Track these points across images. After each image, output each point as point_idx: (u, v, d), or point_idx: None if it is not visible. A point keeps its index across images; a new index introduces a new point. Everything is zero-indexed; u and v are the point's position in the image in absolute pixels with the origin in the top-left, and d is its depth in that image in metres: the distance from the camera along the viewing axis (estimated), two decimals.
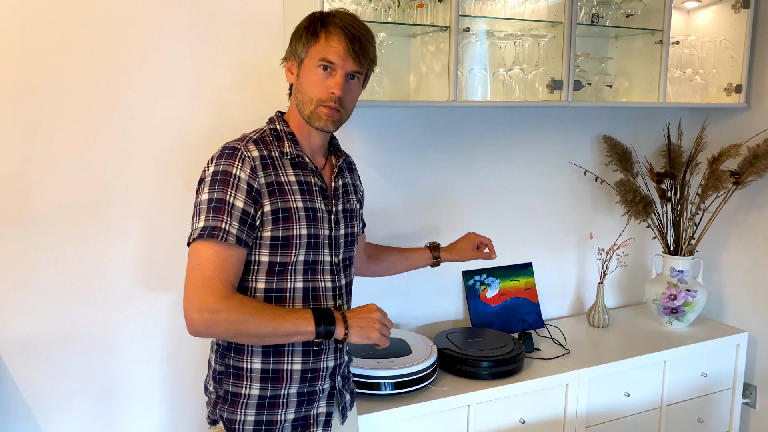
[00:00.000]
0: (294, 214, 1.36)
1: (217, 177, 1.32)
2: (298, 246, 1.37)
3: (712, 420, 2.39)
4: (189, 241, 1.32)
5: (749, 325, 2.49)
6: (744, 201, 2.50)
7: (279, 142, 1.41)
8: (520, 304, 2.42)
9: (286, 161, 1.40)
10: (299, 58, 1.39)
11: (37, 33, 1.68)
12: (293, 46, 1.41)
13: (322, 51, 1.35)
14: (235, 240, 1.30)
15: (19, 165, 1.70)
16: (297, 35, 1.40)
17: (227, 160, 1.33)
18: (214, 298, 1.26)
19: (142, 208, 1.84)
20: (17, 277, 1.73)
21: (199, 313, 1.26)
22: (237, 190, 1.31)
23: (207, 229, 1.29)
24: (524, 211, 2.45)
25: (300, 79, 1.40)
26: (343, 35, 1.35)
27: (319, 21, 1.37)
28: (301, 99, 1.40)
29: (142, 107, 1.81)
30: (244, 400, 1.39)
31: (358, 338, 1.35)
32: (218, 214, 1.29)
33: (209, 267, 1.28)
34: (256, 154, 1.35)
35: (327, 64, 1.35)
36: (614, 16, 2.24)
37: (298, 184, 1.39)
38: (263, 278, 1.37)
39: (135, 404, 1.91)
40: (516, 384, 1.94)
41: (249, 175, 1.32)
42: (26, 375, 1.77)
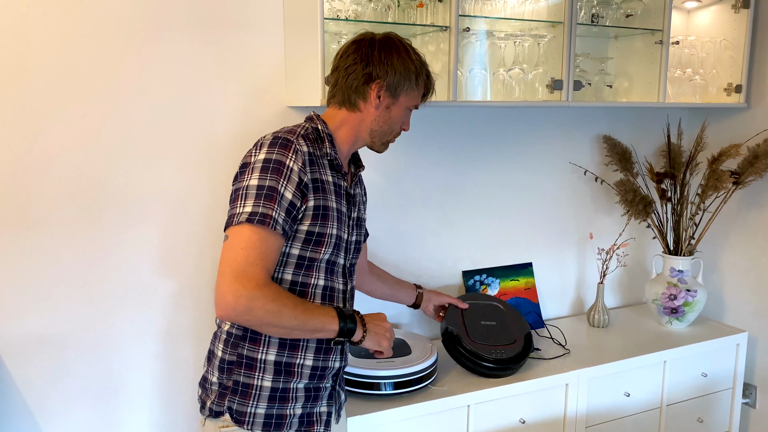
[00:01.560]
0: (331, 213, 1.41)
1: (270, 165, 1.32)
2: (328, 244, 1.42)
3: (712, 420, 2.39)
4: (232, 222, 1.30)
5: (749, 325, 2.49)
6: (744, 201, 2.50)
7: (320, 142, 1.44)
8: (520, 304, 2.42)
9: (325, 161, 1.44)
10: (396, 92, 1.47)
11: (39, 32, 1.67)
12: (393, 76, 1.45)
13: (417, 100, 1.52)
14: (281, 230, 1.32)
15: (20, 165, 1.70)
16: (407, 74, 1.47)
17: (281, 150, 1.34)
18: (254, 285, 1.26)
19: (141, 208, 1.84)
20: (17, 277, 1.73)
21: (236, 297, 1.25)
22: (288, 182, 1.32)
23: (257, 215, 1.28)
24: (524, 211, 2.45)
25: (390, 113, 1.49)
26: (428, 82, 1.54)
27: (426, 73, 1.52)
28: (384, 129, 1.50)
29: (143, 107, 1.81)
30: (256, 391, 1.40)
31: (372, 344, 1.45)
32: (269, 202, 1.30)
33: (253, 252, 1.28)
34: (305, 149, 1.37)
35: (414, 108, 1.53)
36: (614, 16, 2.24)
37: (334, 185, 1.44)
38: (291, 270, 1.40)
39: (135, 404, 1.91)
40: (516, 384, 1.94)
41: (300, 169, 1.34)
42: (26, 375, 1.77)
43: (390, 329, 1.48)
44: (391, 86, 1.46)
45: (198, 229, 1.91)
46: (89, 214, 1.79)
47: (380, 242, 2.19)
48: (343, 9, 1.87)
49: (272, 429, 1.41)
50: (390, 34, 1.50)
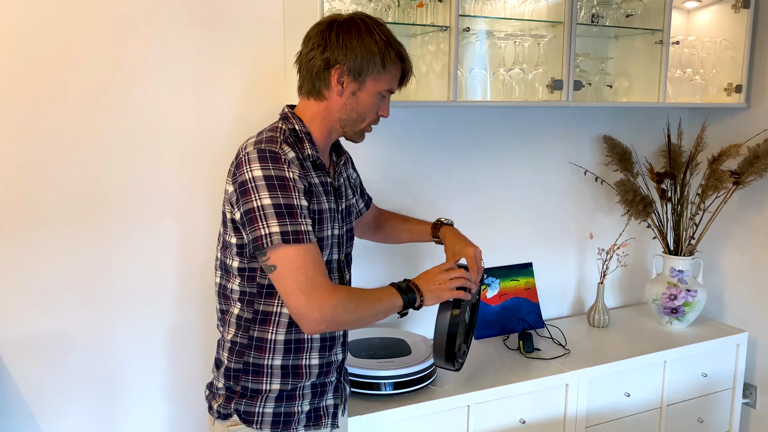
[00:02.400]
0: (325, 215, 1.40)
1: (274, 182, 1.29)
2: (326, 246, 1.41)
3: (712, 420, 2.39)
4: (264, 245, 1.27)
5: (749, 325, 2.49)
6: (744, 201, 2.50)
7: (300, 143, 1.39)
8: (520, 304, 2.42)
9: (308, 163, 1.40)
10: (360, 76, 1.37)
11: (42, 31, 1.67)
12: (352, 59, 1.36)
13: (389, 82, 1.41)
14: (314, 237, 1.32)
15: (21, 165, 1.70)
16: (366, 52, 1.36)
17: (275, 165, 1.30)
18: (328, 293, 1.28)
19: (141, 208, 1.84)
20: (17, 277, 1.73)
21: (320, 312, 1.27)
22: (297, 192, 1.31)
23: (290, 234, 1.27)
24: (524, 211, 2.45)
25: (357, 99, 1.40)
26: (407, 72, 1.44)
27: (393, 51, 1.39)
28: (354, 117, 1.42)
29: (143, 107, 1.81)
30: (264, 394, 1.41)
31: (432, 301, 1.44)
32: (294, 219, 1.28)
33: (309, 267, 1.28)
34: (292, 155, 1.34)
35: (390, 92, 1.43)
36: (614, 16, 2.24)
37: (321, 185, 1.41)
38: None
39: (135, 404, 1.91)
40: (516, 384, 1.94)
41: (299, 176, 1.33)
42: (26, 375, 1.77)
43: (448, 279, 1.45)
44: (353, 71, 1.37)
45: (201, 229, 1.91)
46: (92, 214, 1.79)
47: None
48: (343, 9, 1.87)
49: (281, 426, 1.42)
50: (355, 14, 1.41)
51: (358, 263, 2.08)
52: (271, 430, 1.41)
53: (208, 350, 1.96)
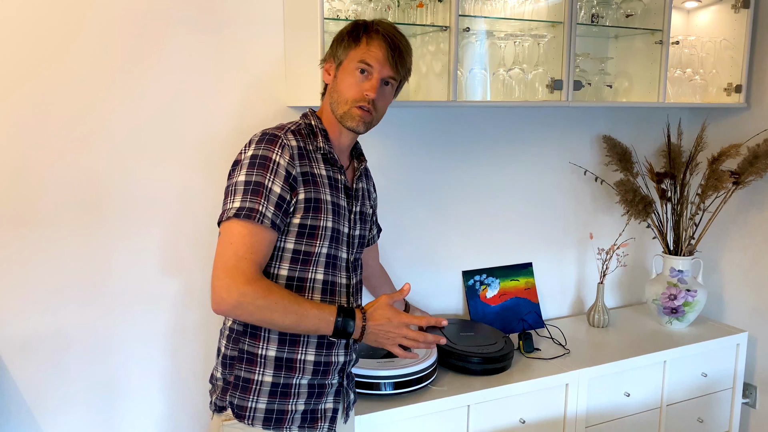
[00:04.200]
0: (324, 206, 1.41)
1: (256, 161, 1.35)
2: (323, 237, 1.41)
3: (712, 420, 2.39)
4: (222, 219, 1.34)
5: (749, 325, 2.49)
6: (744, 201, 2.50)
7: (313, 136, 1.46)
8: (520, 304, 2.42)
9: (318, 155, 1.44)
10: (338, 60, 1.45)
11: (40, 32, 1.67)
12: (333, 49, 1.47)
13: (362, 54, 1.42)
14: (270, 223, 1.32)
15: (20, 165, 1.70)
16: (339, 39, 1.46)
17: (267, 146, 1.36)
18: (243, 279, 1.28)
19: (142, 208, 1.84)
20: (17, 276, 1.73)
21: (228, 292, 1.27)
22: (275, 176, 1.34)
23: (244, 210, 1.31)
24: (524, 211, 2.45)
25: (337, 80, 1.45)
26: (384, 42, 1.42)
27: (362, 27, 1.44)
28: (336, 99, 1.45)
29: (142, 108, 1.81)
30: (256, 386, 1.40)
31: (373, 343, 1.40)
32: (256, 197, 1.32)
33: (242, 246, 1.30)
34: (294, 143, 1.39)
35: (365, 67, 1.42)
36: (614, 16, 2.24)
37: (328, 178, 1.44)
38: (287, 266, 1.40)
39: (134, 403, 1.91)
40: (516, 384, 1.94)
41: (288, 162, 1.36)
42: (26, 375, 1.77)
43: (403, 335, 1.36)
44: (333, 56, 1.47)
45: (200, 227, 1.91)
46: (91, 214, 1.79)
47: (380, 242, 2.19)
48: (343, 9, 1.88)
49: (273, 424, 1.41)
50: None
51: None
52: (263, 426, 1.40)
53: (208, 350, 1.96)
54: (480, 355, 1.98)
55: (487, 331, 2.18)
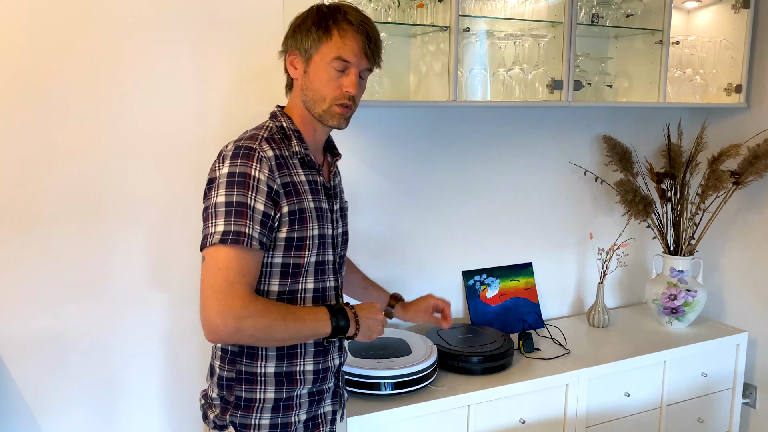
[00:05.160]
0: (308, 215, 1.35)
1: (235, 179, 1.27)
2: (311, 247, 1.36)
3: (712, 420, 2.39)
4: (206, 244, 1.26)
5: (749, 325, 2.49)
6: (744, 201, 2.50)
7: (287, 140, 1.37)
8: (520, 304, 2.42)
9: (295, 160, 1.37)
10: (307, 53, 1.35)
11: (37, 34, 1.67)
12: (298, 40, 1.36)
13: (337, 49, 1.32)
14: (258, 244, 1.27)
15: (20, 165, 1.70)
16: (304, 29, 1.35)
17: (244, 161, 1.28)
18: (240, 304, 1.23)
19: (141, 209, 1.84)
20: (17, 277, 1.73)
21: (223, 319, 1.22)
22: (257, 193, 1.27)
23: (230, 234, 1.24)
24: (524, 211, 2.45)
25: (308, 76, 1.36)
26: (358, 33, 1.33)
27: (330, 17, 1.33)
28: (312, 97, 1.37)
29: (142, 106, 1.81)
30: (259, 404, 1.37)
31: (363, 337, 1.39)
32: (240, 218, 1.25)
33: (232, 271, 1.24)
34: (271, 154, 1.31)
35: (342, 63, 1.33)
36: (614, 16, 2.24)
37: (308, 183, 1.37)
38: (276, 281, 1.35)
39: (135, 404, 1.91)
40: (516, 384, 1.94)
41: (268, 176, 1.28)
42: (26, 375, 1.77)
43: (383, 320, 1.42)
44: (300, 49, 1.36)
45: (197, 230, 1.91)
46: (91, 214, 1.79)
47: (380, 242, 2.19)
48: None
49: None
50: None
51: None
52: None
53: (207, 350, 1.94)
54: (480, 354, 1.98)
55: (487, 331, 2.18)
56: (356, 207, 2.14)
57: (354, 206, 2.13)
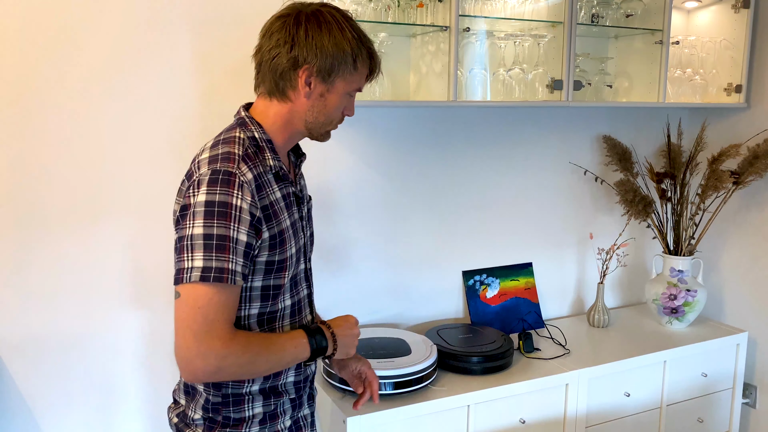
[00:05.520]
0: (287, 235, 1.28)
1: (214, 208, 1.16)
2: (290, 267, 1.31)
3: (712, 420, 2.39)
4: (183, 280, 1.15)
5: (749, 325, 2.49)
6: (744, 201, 2.50)
7: (261, 153, 1.27)
8: (520, 304, 2.42)
9: (269, 176, 1.27)
10: (329, 76, 1.27)
11: (28, 33, 1.68)
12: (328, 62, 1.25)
13: (360, 81, 1.32)
14: (242, 279, 1.19)
15: (19, 166, 1.70)
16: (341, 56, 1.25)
17: (224, 188, 1.17)
18: (221, 343, 1.15)
19: (140, 209, 1.84)
20: (17, 277, 1.73)
21: (204, 360, 1.14)
22: (240, 223, 1.17)
23: (212, 271, 1.14)
24: (524, 211, 2.45)
25: (325, 101, 1.29)
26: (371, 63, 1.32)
27: (367, 52, 1.29)
28: (317, 119, 1.31)
29: (140, 105, 1.81)
30: (248, 420, 1.34)
31: (341, 355, 1.37)
32: (223, 253, 1.15)
33: (212, 309, 1.15)
34: (250, 176, 1.21)
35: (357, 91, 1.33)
36: (614, 16, 2.24)
37: (283, 199, 1.29)
38: (257, 304, 1.28)
39: (134, 404, 1.91)
40: (516, 384, 1.94)
41: (250, 204, 1.19)
42: (26, 375, 1.77)
43: (358, 334, 1.40)
44: (323, 71, 1.25)
45: None
46: (88, 214, 1.79)
47: (380, 242, 2.19)
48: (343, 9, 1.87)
49: None
50: (322, 6, 1.27)
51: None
52: None
53: None
54: (480, 354, 1.98)
55: (487, 331, 2.18)
56: (356, 207, 2.14)
57: (354, 206, 2.13)
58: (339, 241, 2.11)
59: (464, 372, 1.97)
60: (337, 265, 2.13)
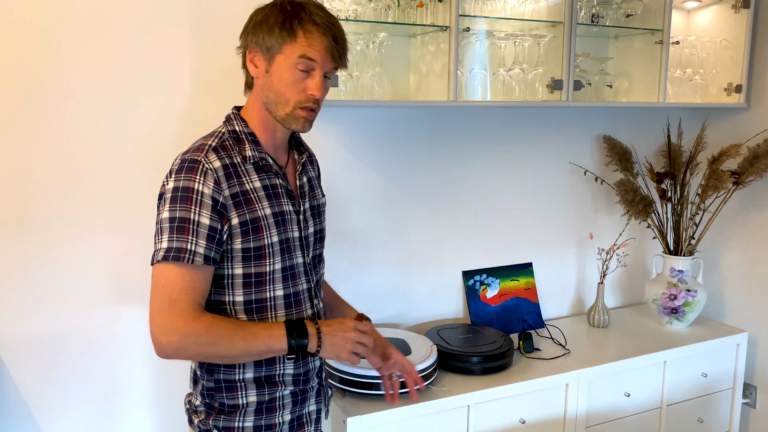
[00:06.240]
0: (263, 223, 1.31)
1: (179, 194, 1.24)
2: (271, 255, 1.32)
3: (712, 420, 2.39)
4: (152, 261, 1.25)
5: (749, 325, 2.49)
6: (744, 201, 2.50)
7: (240, 145, 1.32)
8: (520, 304, 2.42)
9: (249, 166, 1.32)
10: (269, 52, 1.29)
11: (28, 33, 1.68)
12: (259, 37, 1.29)
13: (302, 50, 1.26)
14: (203, 259, 1.24)
15: (19, 166, 1.70)
16: (266, 26, 1.28)
17: (188, 175, 1.25)
18: (182, 321, 1.21)
19: (141, 209, 1.84)
20: (17, 277, 1.73)
21: (167, 336, 1.21)
22: (201, 207, 1.24)
23: (172, 251, 1.22)
24: (524, 211, 2.45)
25: (271, 77, 1.30)
26: (324, 34, 1.27)
27: (294, 16, 1.27)
28: (274, 99, 1.31)
29: (140, 106, 1.81)
30: (242, 408, 1.36)
31: (329, 355, 1.33)
32: (182, 234, 1.23)
33: (175, 288, 1.22)
34: (218, 164, 1.27)
35: (308, 63, 1.27)
36: (614, 16, 2.24)
37: (264, 189, 1.33)
38: (240, 291, 1.32)
39: (134, 404, 1.91)
40: (516, 384, 1.94)
41: (213, 189, 1.25)
42: (26, 375, 1.77)
43: (356, 338, 1.32)
44: (261, 46, 1.29)
45: None
46: (87, 214, 1.79)
47: (380, 242, 2.19)
48: (343, 9, 1.87)
49: None
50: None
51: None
52: None
53: None
54: (480, 354, 1.98)
55: (487, 331, 2.18)
56: (355, 207, 2.14)
57: (353, 206, 2.13)
58: (339, 241, 2.11)
59: (464, 372, 1.97)
60: (337, 266, 2.13)
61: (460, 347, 2.03)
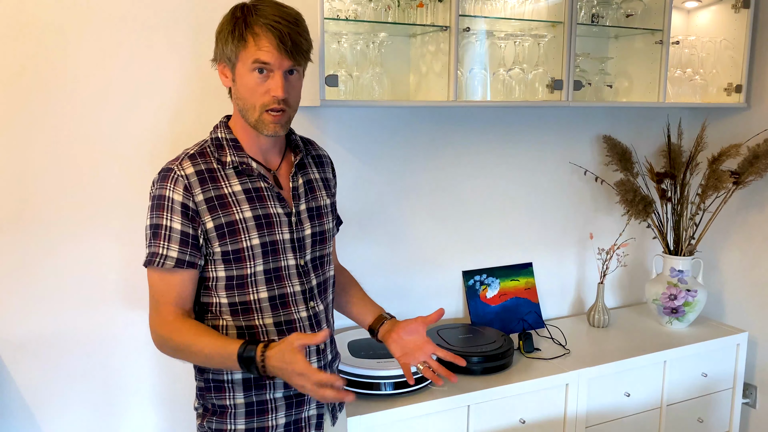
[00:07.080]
0: (241, 226, 1.32)
1: (154, 201, 1.32)
2: (251, 257, 1.34)
3: (712, 420, 2.39)
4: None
5: (749, 325, 2.49)
6: (744, 201, 2.50)
7: (220, 151, 1.36)
8: (520, 304, 2.42)
9: (229, 171, 1.35)
10: (230, 62, 1.31)
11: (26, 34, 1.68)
12: (220, 48, 1.32)
13: (253, 54, 1.27)
14: (174, 263, 1.30)
15: (19, 165, 1.70)
16: (222, 36, 1.31)
17: (161, 183, 1.32)
18: (159, 322, 1.33)
19: (139, 208, 1.84)
20: (17, 277, 1.73)
21: (152, 332, 1.34)
22: (172, 212, 1.31)
23: (148, 257, 1.32)
24: (524, 211, 2.45)
25: (237, 85, 1.32)
26: (271, 35, 1.26)
27: (242, 21, 1.27)
28: (243, 106, 1.33)
29: (139, 106, 1.81)
30: (231, 410, 1.37)
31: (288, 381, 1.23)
32: (156, 240, 1.31)
33: (156, 292, 1.34)
34: (191, 170, 1.32)
35: (262, 66, 1.27)
36: (614, 16, 2.24)
37: (245, 192, 1.34)
38: (224, 293, 1.35)
39: (134, 404, 1.91)
40: (516, 384, 1.94)
41: (183, 195, 1.30)
42: (26, 375, 1.77)
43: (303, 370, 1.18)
44: (222, 56, 1.32)
45: None
46: (87, 214, 1.79)
47: (380, 242, 2.19)
48: (343, 9, 1.88)
49: None
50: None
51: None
52: None
53: None
54: (480, 354, 1.98)
55: (487, 331, 2.18)
56: (355, 207, 2.14)
57: (353, 206, 2.13)
58: (339, 241, 2.11)
59: (464, 372, 1.97)
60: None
61: (460, 347, 2.03)
